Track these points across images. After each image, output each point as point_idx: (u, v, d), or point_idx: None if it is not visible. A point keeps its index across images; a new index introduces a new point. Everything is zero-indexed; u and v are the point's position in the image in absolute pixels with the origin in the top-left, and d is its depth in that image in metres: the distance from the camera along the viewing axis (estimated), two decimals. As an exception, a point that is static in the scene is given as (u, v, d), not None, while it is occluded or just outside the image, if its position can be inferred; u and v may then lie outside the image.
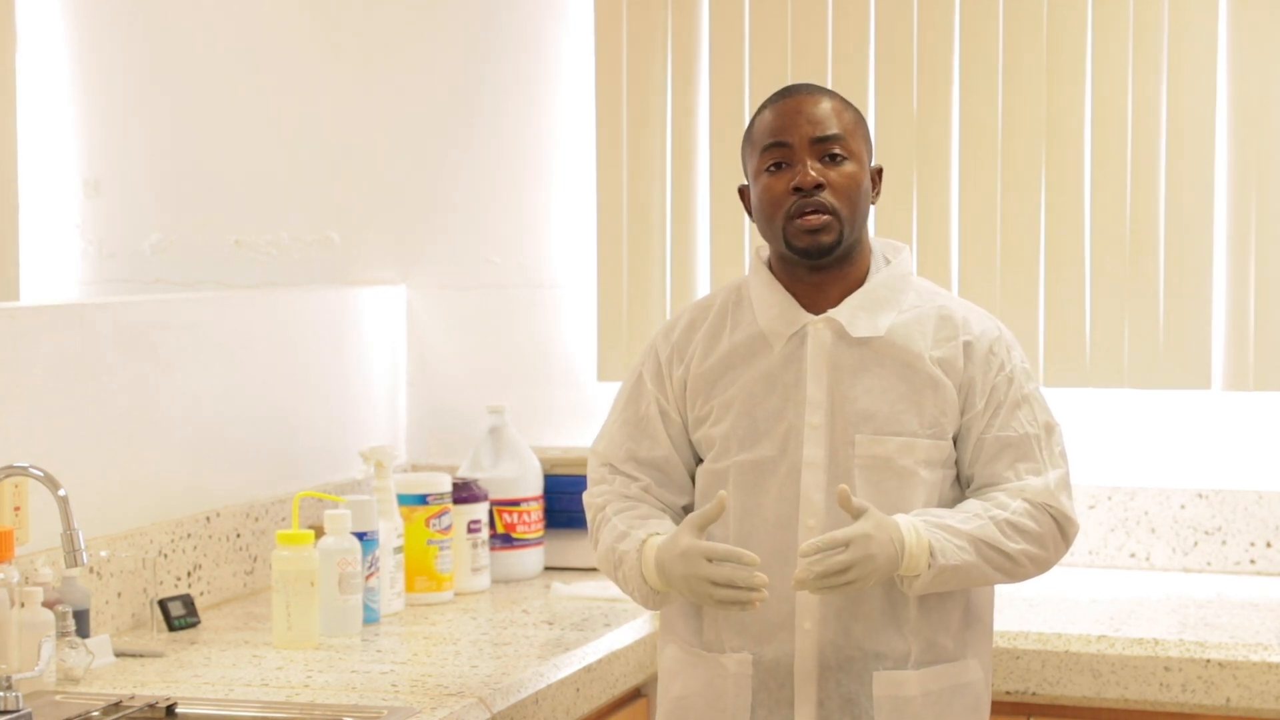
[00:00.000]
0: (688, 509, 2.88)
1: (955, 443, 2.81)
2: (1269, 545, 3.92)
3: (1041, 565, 2.78)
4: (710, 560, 2.69)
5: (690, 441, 2.88)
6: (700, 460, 2.88)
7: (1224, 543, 3.95)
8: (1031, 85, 3.95)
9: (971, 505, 2.77)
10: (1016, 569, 2.75)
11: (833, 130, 2.77)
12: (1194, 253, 3.88)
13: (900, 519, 2.69)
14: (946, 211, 4.01)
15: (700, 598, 2.72)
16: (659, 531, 2.79)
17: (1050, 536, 2.77)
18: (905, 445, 2.76)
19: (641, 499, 2.87)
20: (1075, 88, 3.93)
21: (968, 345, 2.81)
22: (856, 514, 2.68)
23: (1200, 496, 3.96)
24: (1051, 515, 2.76)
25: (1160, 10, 3.88)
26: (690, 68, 4.16)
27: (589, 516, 2.92)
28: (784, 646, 2.78)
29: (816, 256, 2.77)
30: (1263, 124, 3.85)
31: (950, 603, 2.80)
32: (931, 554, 2.67)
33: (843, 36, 4.04)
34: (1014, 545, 2.73)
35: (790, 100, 2.80)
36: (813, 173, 2.74)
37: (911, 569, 2.68)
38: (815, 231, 2.74)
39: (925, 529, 2.69)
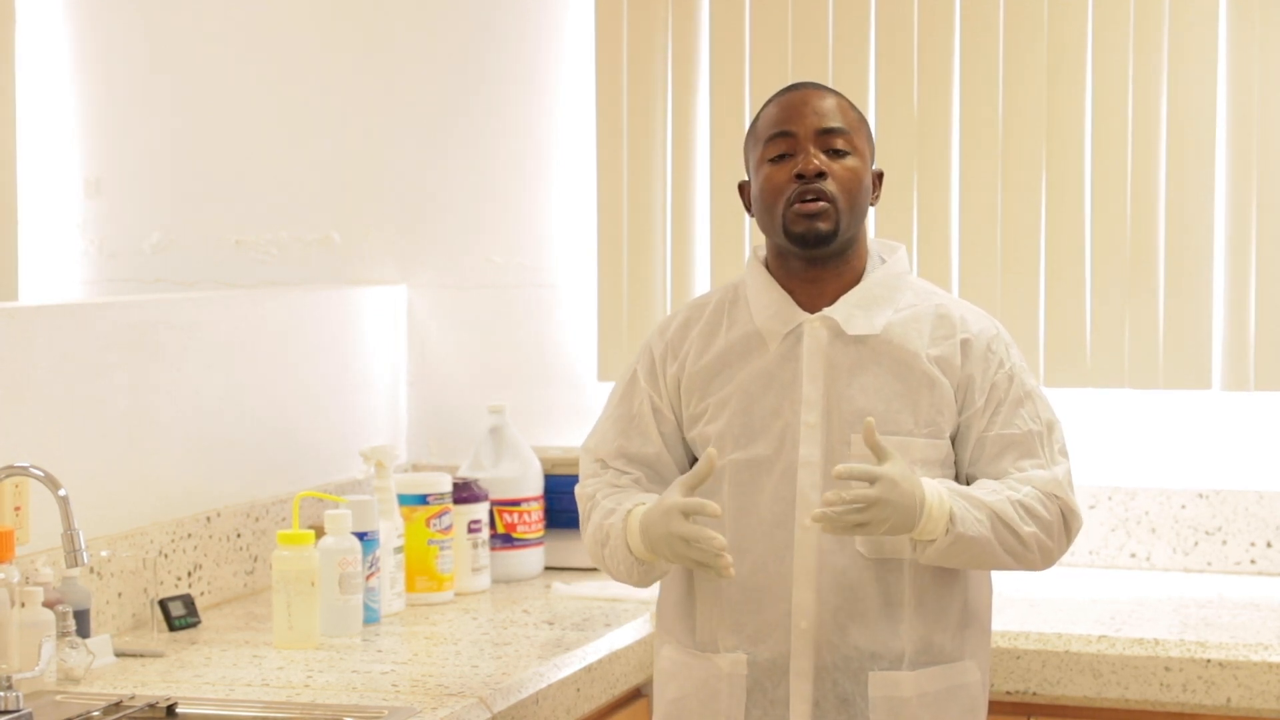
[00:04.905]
0: None
1: (953, 442, 2.81)
2: (1269, 545, 3.92)
3: (1046, 555, 2.77)
4: (686, 516, 2.68)
5: (683, 440, 2.88)
6: (694, 459, 2.88)
7: (1224, 543, 3.95)
8: (1032, 85, 3.95)
9: (987, 484, 2.75)
10: (1025, 554, 2.74)
11: (837, 124, 2.78)
12: (1194, 253, 3.88)
13: (925, 480, 2.68)
14: (946, 211, 4.01)
15: (678, 557, 2.70)
16: (645, 503, 2.79)
17: (1057, 527, 2.76)
18: (901, 444, 2.74)
19: (631, 489, 2.86)
20: (1075, 88, 3.93)
21: (965, 343, 2.80)
22: (881, 456, 2.66)
23: (1201, 496, 3.96)
24: (1059, 507, 2.76)
25: (1160, 11, 3.88)
26: (690, 68, 4.16)
27: (580, 508, 2.91)
28: (779, 646, 2.77)
29: (813, 245, 2.76)
30: (1263, 124, 3.85)
31: (948, 602, 2.79)
32: (951, 520, 2.66)
33: (843, 36, 4.04)
34: (1027, 528, 2.72)
35: (796, 94, 2.82)
36: (816, 161, 2.75)
37: (929, 532, 2.67)
38: (813, 217, 2.75)
39: (949, 495, 2.68)
